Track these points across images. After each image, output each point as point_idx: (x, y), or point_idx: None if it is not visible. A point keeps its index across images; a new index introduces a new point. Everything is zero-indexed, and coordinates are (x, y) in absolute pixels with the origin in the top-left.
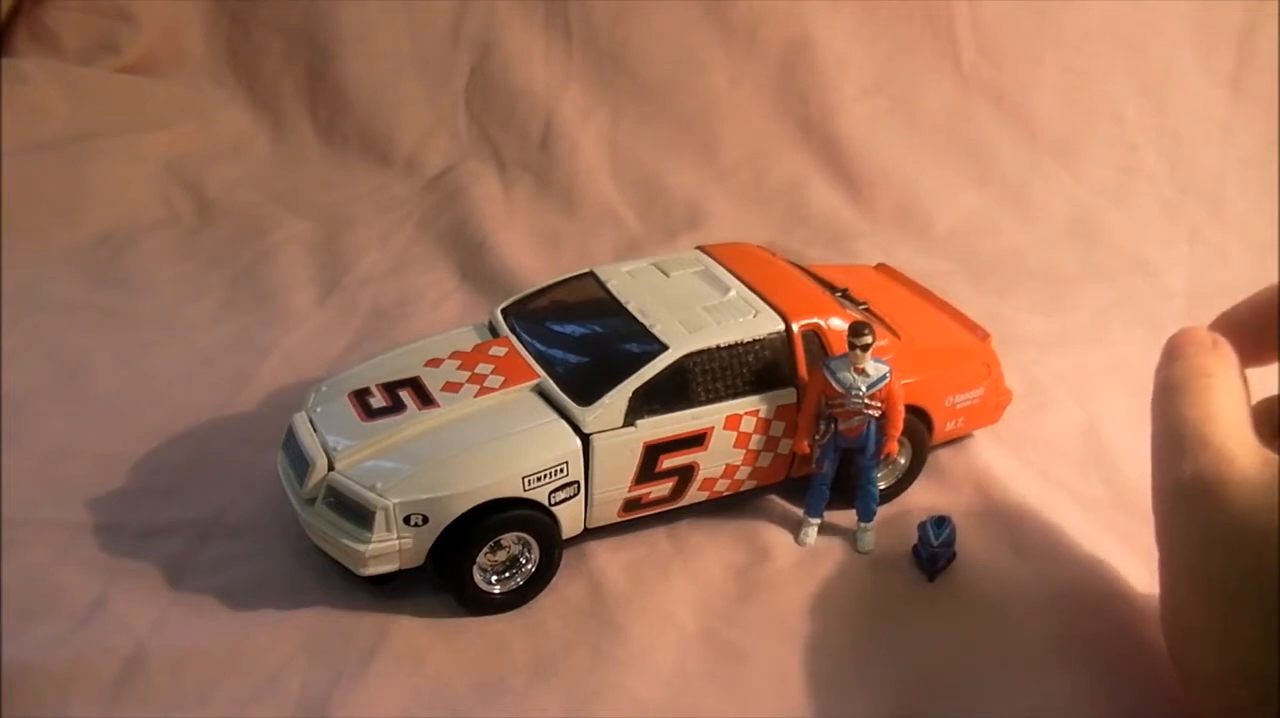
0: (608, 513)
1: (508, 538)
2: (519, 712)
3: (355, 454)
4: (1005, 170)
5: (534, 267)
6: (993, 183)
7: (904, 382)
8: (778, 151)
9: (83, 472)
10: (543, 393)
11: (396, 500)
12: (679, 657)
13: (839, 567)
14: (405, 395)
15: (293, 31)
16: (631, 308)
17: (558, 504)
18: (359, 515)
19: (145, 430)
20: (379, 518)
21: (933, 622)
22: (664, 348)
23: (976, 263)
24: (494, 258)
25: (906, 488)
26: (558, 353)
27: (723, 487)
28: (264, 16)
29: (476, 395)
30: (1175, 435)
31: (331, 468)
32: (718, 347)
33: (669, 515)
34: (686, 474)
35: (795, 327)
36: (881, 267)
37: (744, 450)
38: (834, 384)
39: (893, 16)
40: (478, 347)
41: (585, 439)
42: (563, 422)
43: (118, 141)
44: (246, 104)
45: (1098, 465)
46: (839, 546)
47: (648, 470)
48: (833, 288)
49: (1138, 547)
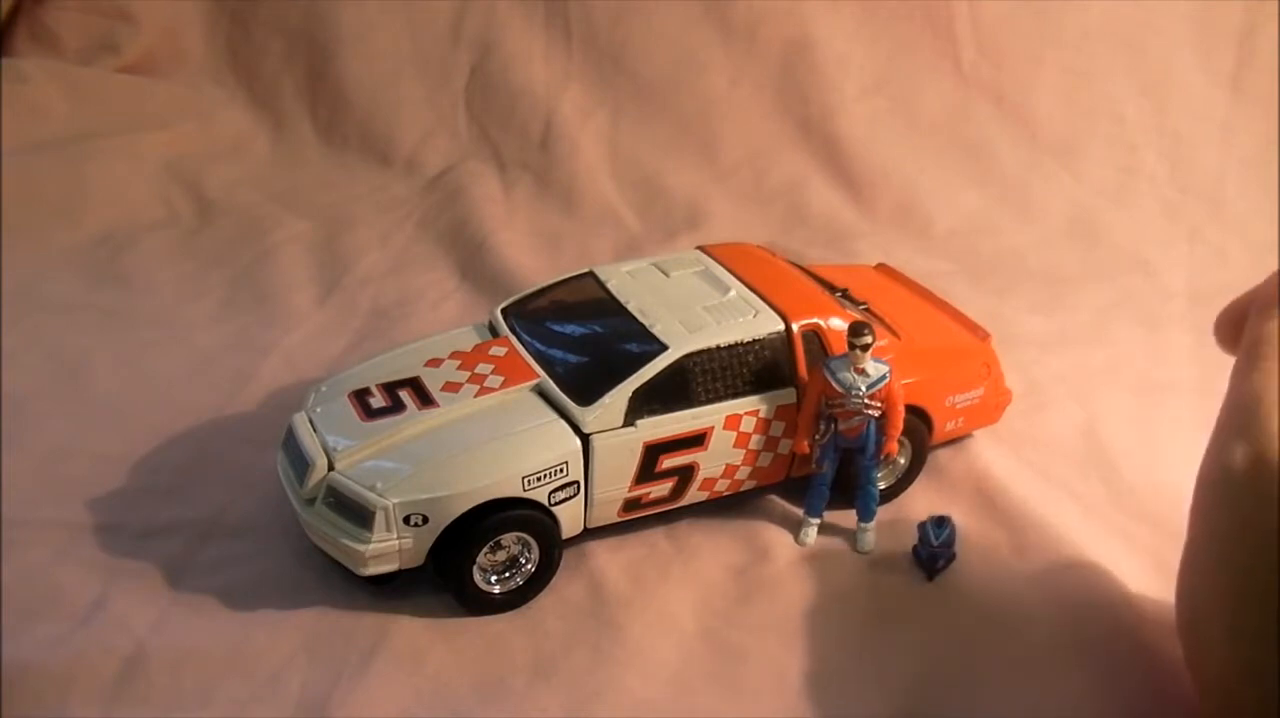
0: (608, 513)
1: (508, 538)
2: (519, 712)
3: (355, 454)
4: (1005, 170)
5: (534, 267)
6: (993, 183)
7: (904, 382)
8: (778, 151)
9: (83, 472)
10: (543, 393)
11: (396, 500)
12: (679, 657)
13: (839, 567)
14: (405, 395)
15: (293, 31)
16: (631, 308)
17: (558, 504)
18: (359, 516)
19: (145, 430)
20: (379, 518)
21: (933, 622)
22: (664, 348)
23: (976, 263)
24: (494, 258)
25: (906, 488)
26: (558, 353)
27: (723, 487)
28: (264, 16)
29: (476, 395)
30: (1241, 408)
31: (331, 468)
32: (718, 347)
33: (669, 516)
34: (686, 474)
35: (795, 327)
36: (881, 267)
37: (744, 450)
38: (834, 384)
39: (893, 16)
40: (478, 347)
41: (585, 439)
42: (563, 422)
43: (118, 141)
44: (246, 104)
45: (1098, 466)
46: (839, 546)
47: (648, 470)
48: (833, 288)
49: (1138, 547)
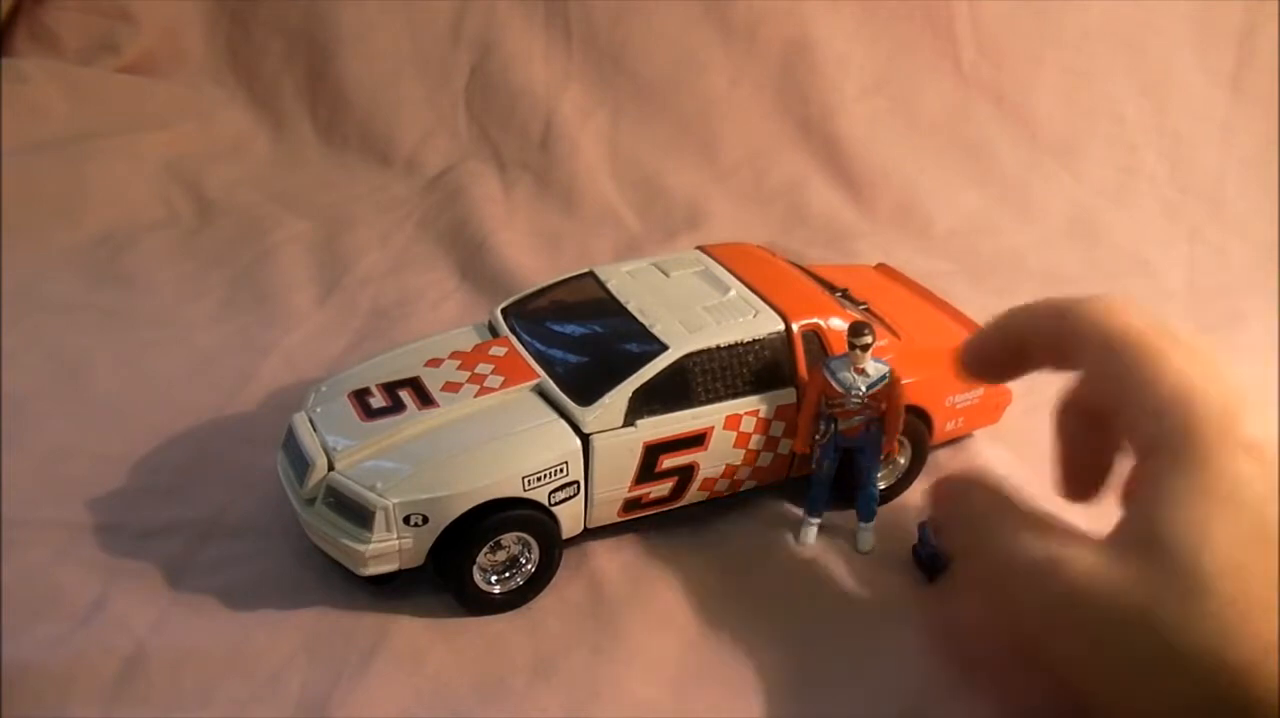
0: (608, 513)
1: (508, 538)
2: (519, 712)
3: (355, 454)
4: (1005, 170)
5: (534, 267)
6: (993, 183)
7: (904, 382)
8: (778, 151)
9: (83, 472)
10: (543, 393)
11: (396, 500)
12: (679, 657)
13: (839, 567)
14: (405, 395)
15: (293, 31)
16: (631, 308)
17: (558, 504)
18: (359, 515)
19: (145, 430)
20: (379, 518)
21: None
22: (664, 348)
23: (976, 263)
24: (494, 258)
25: (906, 488)
26: (558, 353)
27: (723, 487)
28: (264, 16)
29: (476, 395)
30: None
31: (331, 468)
32: (718, 347)
33: (669, 516)
34: (686, 474)
35: (795, 327)
36: (881, 267)
37: (744, 450)
38: (834, 384)
39: (893, 16)
40: (478, 347)
41: (585, 439)
42: (563, 422)
43: (118, 141)
44: (246, 104)
45: None
46: (839, 546)
47: (648, 470)
48: (833, 288)
49: None
